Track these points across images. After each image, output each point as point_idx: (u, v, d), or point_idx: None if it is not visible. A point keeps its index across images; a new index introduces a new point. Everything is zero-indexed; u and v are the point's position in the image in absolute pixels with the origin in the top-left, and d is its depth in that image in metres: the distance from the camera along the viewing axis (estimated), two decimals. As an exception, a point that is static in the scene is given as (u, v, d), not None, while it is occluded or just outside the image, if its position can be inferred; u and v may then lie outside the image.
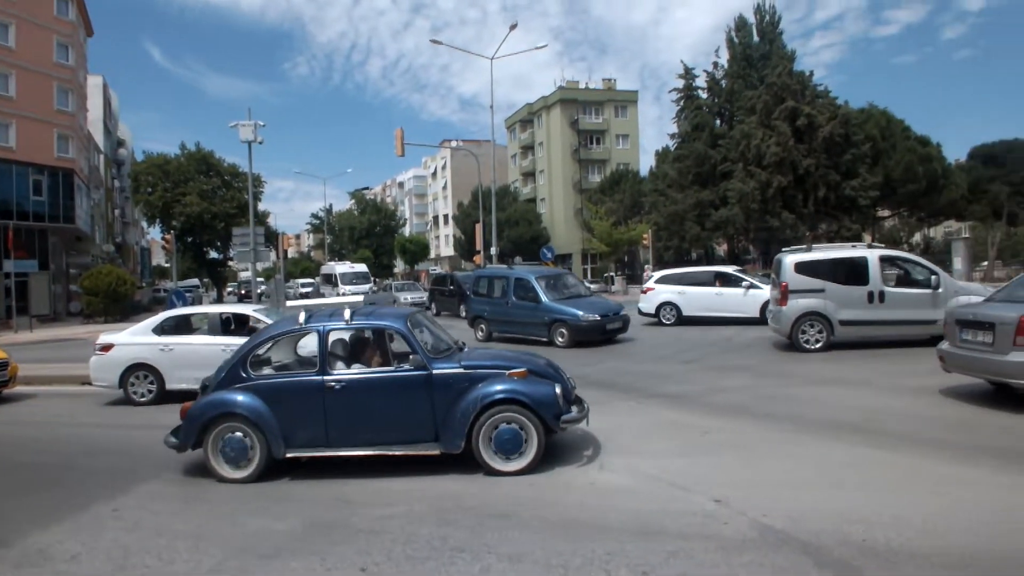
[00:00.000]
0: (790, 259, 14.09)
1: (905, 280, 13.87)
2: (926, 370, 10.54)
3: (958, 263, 31.59)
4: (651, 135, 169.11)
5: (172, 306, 16.97)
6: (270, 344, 7.39)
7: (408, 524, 5.15)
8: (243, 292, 53.17)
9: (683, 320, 20.21)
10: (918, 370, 10.73)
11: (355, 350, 7.56)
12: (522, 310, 17.28)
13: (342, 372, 6.98)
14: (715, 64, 45.18)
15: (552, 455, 6.53)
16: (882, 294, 13.39)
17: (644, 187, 50.67)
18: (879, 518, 4.63)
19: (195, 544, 4.96)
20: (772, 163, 36.03)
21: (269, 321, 11.54)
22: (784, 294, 13.79)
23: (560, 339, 16.40)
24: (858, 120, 39.15)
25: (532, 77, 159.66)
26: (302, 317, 7.25)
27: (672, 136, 46.85)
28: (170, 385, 11.16)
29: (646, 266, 38.53)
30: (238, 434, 6.76)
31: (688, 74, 45.18)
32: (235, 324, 11.92)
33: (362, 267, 43.49)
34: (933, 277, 13.45)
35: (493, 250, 37.24)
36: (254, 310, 12.19)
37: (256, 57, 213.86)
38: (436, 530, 4.98)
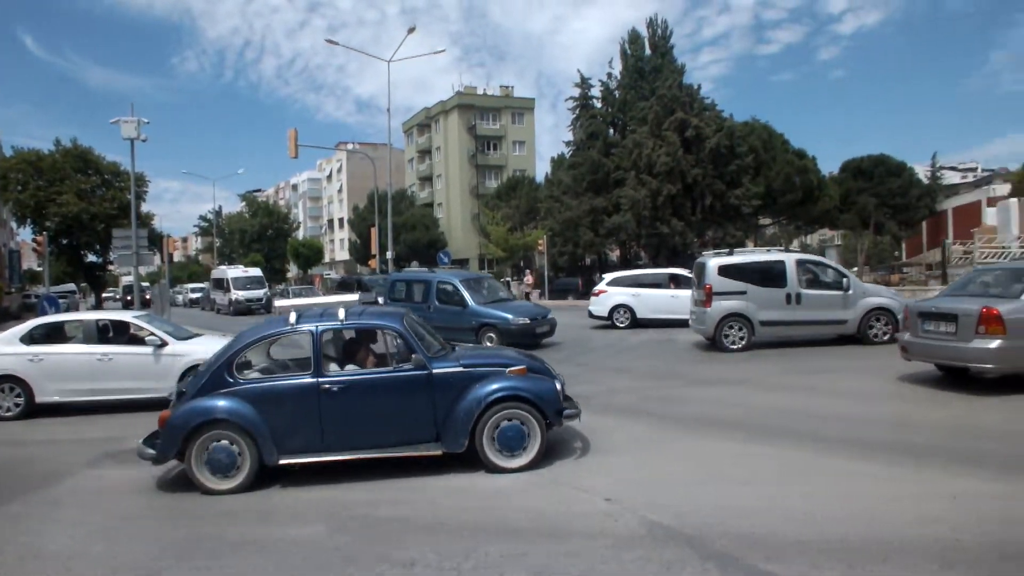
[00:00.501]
0: (714, 262, 14.67)
1: (818, 283, 14.59)
2: (818, 367, 11.26)
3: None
4: (547, 142, 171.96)
5: (43, 313, 15.80)
6: (257, 346, 7.04)
7: (300, 536, 5.05)
8: (128, 298, 50.49)
9: (637, 323, 19.89)
10: (814, 367, 11.42)
11: (348, 351, 7.36)
12: (446, 315, 16.63)
13: (339, 373, 6.82)
14: (609, 75, 46.20)
15: (449, 460, 6.54)
16: (799, 296, 14.12)
17: (540, 193, 51.23)
18: (763, 510, 4.87)
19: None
20: (662, 172, 37.22)
21: (152, 328, 11.07)
22: (709, 296, 14.28)
23: (489, 344, 16.04)
24: (742, 133, 40.98)
25: (430, 81, 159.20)
26: (293, 317, 6.98)
27: (567, 144, 47.61)
28: (40, 398, 10.38)
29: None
30: (224, 442, 6.42)
31: (584, 83, 46.05)
32: (113, 332, 11.26)
33: (256, 271, 42.12)
34: (844, 280, 14.39)
35: (389, 254, 36.87)
36: (134, 316, 11.60)
37: (142, 50, 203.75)
38: (329, 540, 4.91)
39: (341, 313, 6.99)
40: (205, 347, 10.97)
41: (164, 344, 10.76)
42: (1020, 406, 8.03)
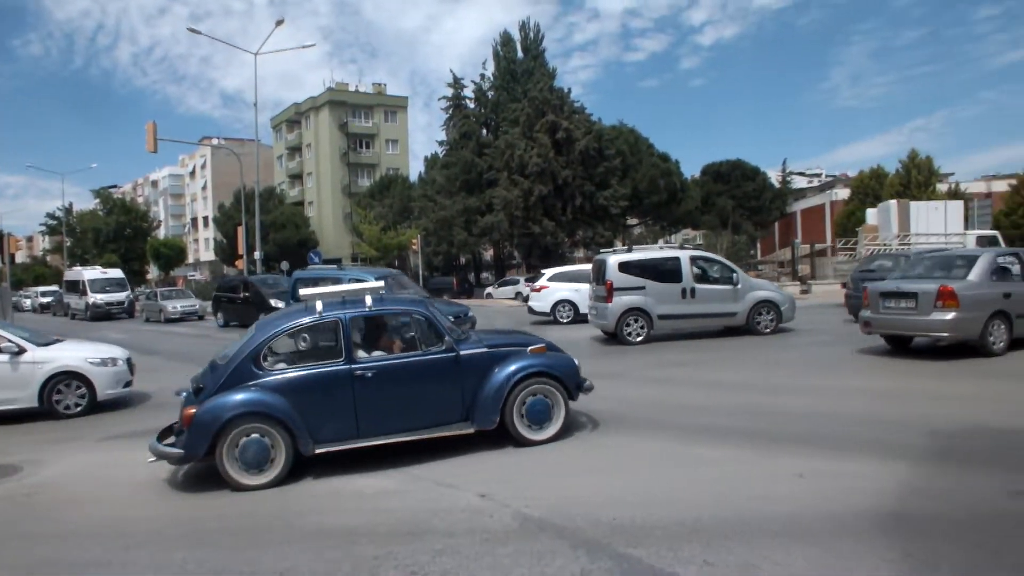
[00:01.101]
0: (614, 259, 15.28)
1: (710, 278, 15.41)
2: (697, 359, 11.77)
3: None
4: (421, 141, 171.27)
5: None
6: (283, 337, 6.93)
7: (159, 551, 4.83)
8: None
9: (580, 318, 19.45)
10: (693, 359, 11.94)
11: (371, 337, 7.32)
12: None
13: (372, 359, 6.83)
14: (482, 76, 46.66)
15: (322, 463, 6.46)
16: (693, 290, 14.94)
17: (414, 192, 50.98)
18: (630, 499, 5.08)
19: None
20: (534, 172, 37.94)
21: (5, 334, 10.11)
22: (610, 292, 14.81)
23: None
24: (610, 136, 42.37)
25: (300, 76, 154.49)
26: (319, 306, 6.89)
27: (441, 143, 47.74)
28: None
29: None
30: (255, 435, 6.24)
31: (457, 83, 46.25)
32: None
33: (117, 273, 39.01)
34: (733, 275, 15.35)
35: (258, 254, 35.61)
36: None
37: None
38: (191, 553, 4.71)
39: (368, 300, 7.04)
40: (71, 353, 10.36)
41: (22, 351, 9.89)
42: (879, 392, 8.79)
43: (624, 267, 15.10)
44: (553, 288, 20.67)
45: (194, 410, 6.25)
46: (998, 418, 6.96)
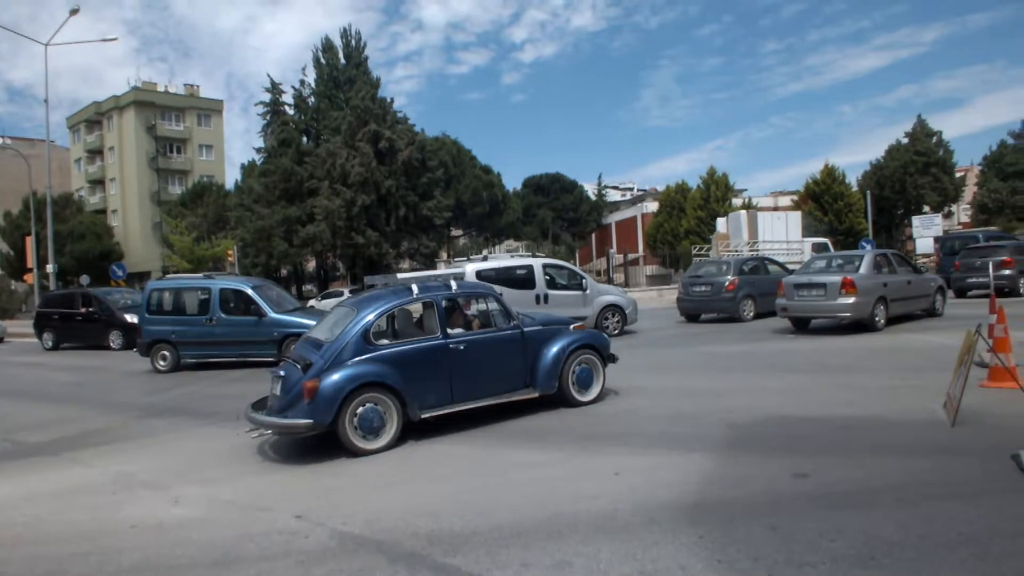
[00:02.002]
0: (471, 267, 15.80)
1: (561, 284, 16.37)
2: None
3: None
4: (239, 147, 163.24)
5: None
6: (389, 314, 7.82)
7: None
8: None
9: None
10: None
11: (455, 315, 8.45)
12: (237, 327, 14.77)
13: (462, 334, 7.95)
14: (303, 82, 45.34)
15: (129, 486, 6.05)
16: (546, 296, 15.85)
17: (230, 201, 48.60)
18: (448, 507, 5.08)
19: None
20: (356, 182, 37.41)
21: None
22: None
23: None
24: (433, 147, 42.70)
25: (102, 73, 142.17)
26: (416, 288, 7.95)
27: (259, 150, 45.80)
28: None
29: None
30: (370, 404, 7.02)
31: (275, 88, 44.65)
32: None
33: None
34: (583, 281, 16.51)
35: (51, 267, 32.55)
36: None
37: None
38: None
39: (454, 284, 8.31)
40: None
41: None
42: (692, 390, 9.38)
43: (480, 275, 15.43)
44: None
45: (318, 383, 6.87)
46: (793, 409, 7.67)
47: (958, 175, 62.39)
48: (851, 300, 13.76)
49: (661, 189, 67.52)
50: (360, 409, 6.96)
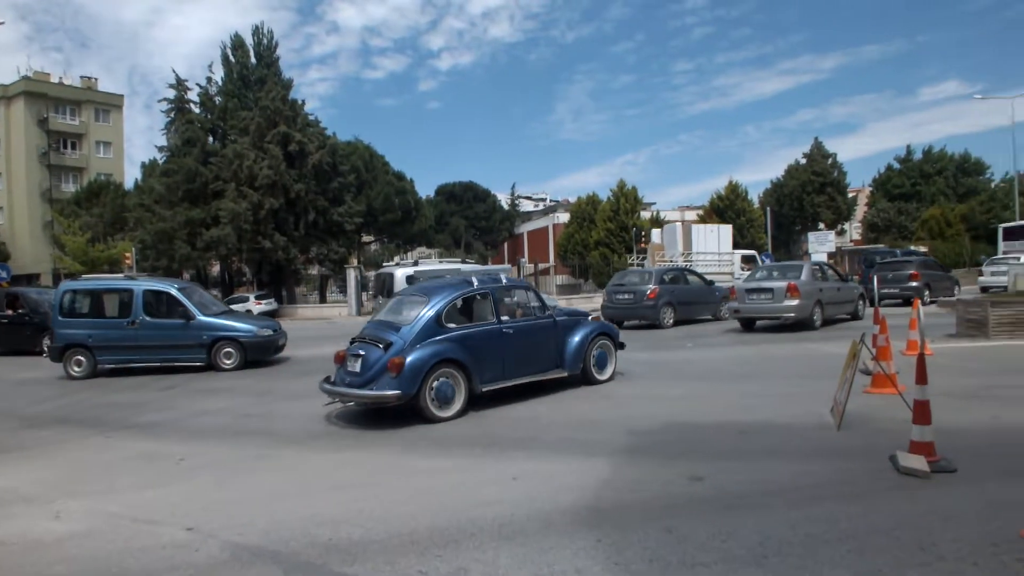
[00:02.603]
0: (400, 272, 16.22)
1: None
2: None
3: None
4: (140, 145, 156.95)
5: None
6: (458, 303, 8.94)
7: None
8: None
9: None
10: None
11: (503, 304, 9.51)
12: (161, 331, 14.11)
13: (512, 321, 9.26)
14: (210, 79, 43.86)
15: (7, 501, 5.57)
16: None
17: (128, 201, 46.46)
18: (346, 516, 4.96)
19: None
20: (264, 185, 36.45)
21: None
22: None
23: (228, 361, 14.02)
24: (345, 152, 42.06)
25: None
26: (475, 280, 9.36)
27: (161, 149, 44.01)
28: None
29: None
30: (444, 378, 8.21)
31: (180, 85, 43.04)
32: None
33: None
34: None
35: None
36: None
37: None
38: None
39: (503, 277, 10.08)
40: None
41: None
42: (597, 396, 9.46)
43: (410, 280, 15.70)
44: None
45: (403, 359, 8.00)
46: (692, 415, 7.88)
47: (851, 195, 66.30)
48: (795, 302, 16.20)
49: (573, 200, 68.66)
50: (436, 383, 8.15)
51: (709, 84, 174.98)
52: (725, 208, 54.00)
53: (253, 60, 44.36)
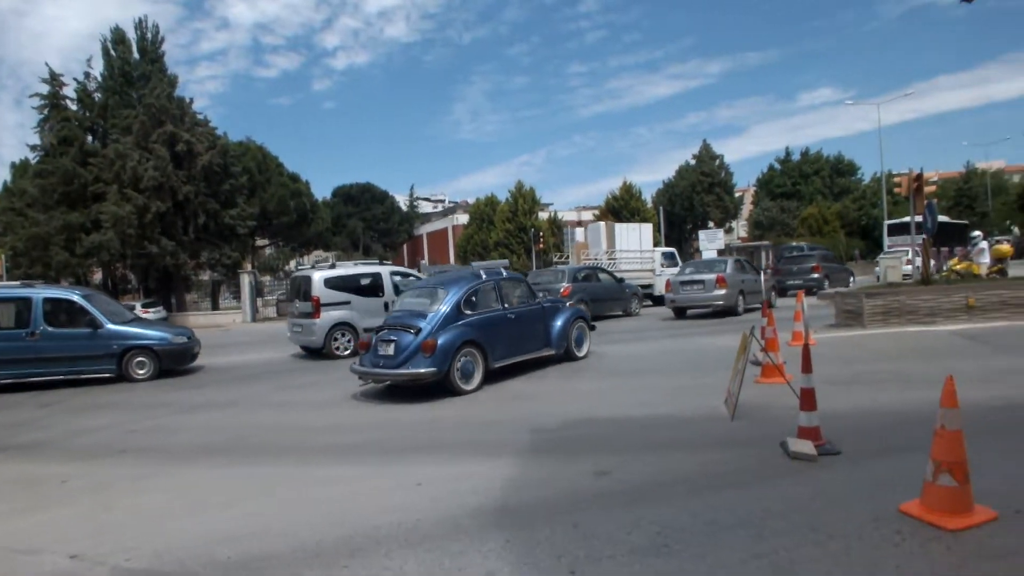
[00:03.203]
0: (319, 275, 15.62)
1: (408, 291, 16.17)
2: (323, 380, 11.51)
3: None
4: (11, 144, 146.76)
5: None
6: (472, 293, 10.41)
7: None
8: None
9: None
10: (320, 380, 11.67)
11: (503, 293, 11.03)
12: (65, 341, 13.27)
13: (513, 307, 10.99)
14: (88, 74, 41.37)
15: None
16: (395, 303, 15.42)
17: (-3, 205, 43.42)
18: (245, 532, 4.78)
19: None
20: (150, 187, 34.71)
21: None
22: (317, 307, 15.16)
23: (141, 371, 13.36)
24: (237, 152, 40.60)
25: None
26: (483, 274, 10.98)
27: (34, 148, 41.20)
28: None
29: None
30: (466, 357, 9.74)
31: (55, 80, 40.34)
32: None
33: None
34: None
35: None
36: None
37: None
38: None
39: (504, 272, 11.50)
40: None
41: None
42: (504, 397, 9.49)
43: (330, 283, 15.49)
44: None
45: (435, 341, 9.43)
46: (597, 411, 8.01)
47: (737, 194, 69.43)
48: (723, 292, 18.73)
49: (472, 201, 68.85)
50: (460, 361, 9.70)
51: (602, 87, 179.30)
52: (620, 208, 55.37)
53: (136, 55, 42.16)
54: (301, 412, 9.61)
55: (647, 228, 33.75)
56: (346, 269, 16.39)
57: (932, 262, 19.93)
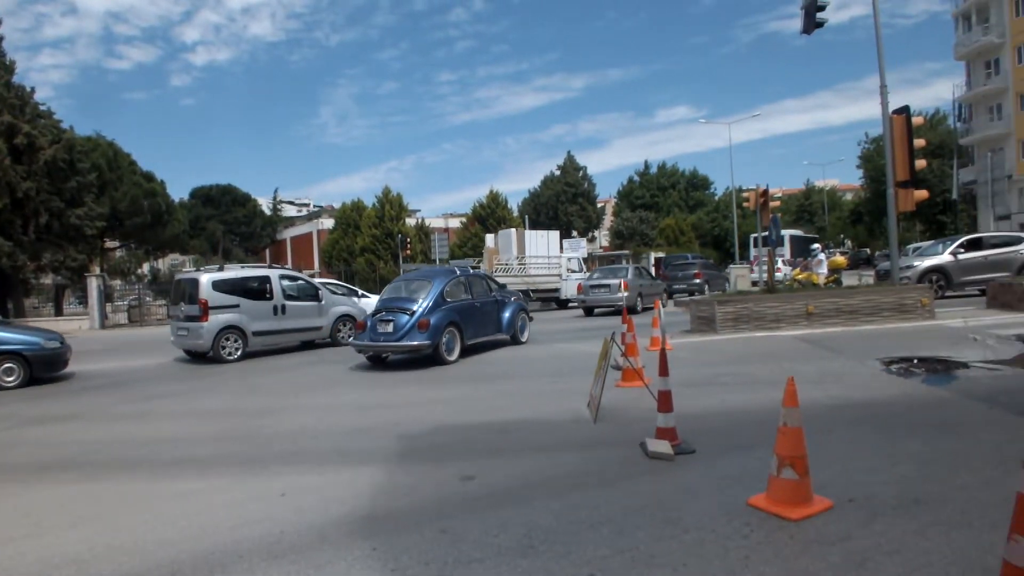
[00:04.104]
0: (206, 278, 15.38)
1: (298, 295, 16.76)
2: (183, 389, 10.88)
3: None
4: None
5: None
6: (456, 284, 13.75)
7: None
8: None
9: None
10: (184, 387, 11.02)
11: (469, 285, 14.24)
12: None
13: (477, 297, 14.14)
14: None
15: None
16: (284, 307, 16.20)
17: None
18: (91, 554, 4.47)
19: None
20: (-16, 183, 31.95)
21: None
22: (205, 310, 14.98)
23: (9, 378, 12.41)
24: (85, 148, 37.95)
25: None
26: (457, 269, 14.68)
27: None
28: None
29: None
30: (448, 336, 12.79)
31: None
32: None
33: None
34: (318, 292, 17.13)
35: None
36: None
37: None
38: None
39: (470, 269, 16.17)
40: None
41: None
42: (366, 405, 9.32)
43: (218, 285, 15.30)
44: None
45: (429, 320, 12.36)
46: (460, 417, 8.09)
47: (600, 205, 72.01)
48: (625, 294, 21.84)
49: (338, 206, 67.58)
50: (445, 337, 12.60)
51: (471, 96, 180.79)
52: (487, 216, 55.99)
53: (-34, 38, 38.66)
54: (160, 422, 9.09)
55: (554, 235, 36.18)
56: (234, 272, 16.30)
57: (790, 270, 21.52)
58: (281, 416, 8.86)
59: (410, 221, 53.41)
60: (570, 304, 30.07)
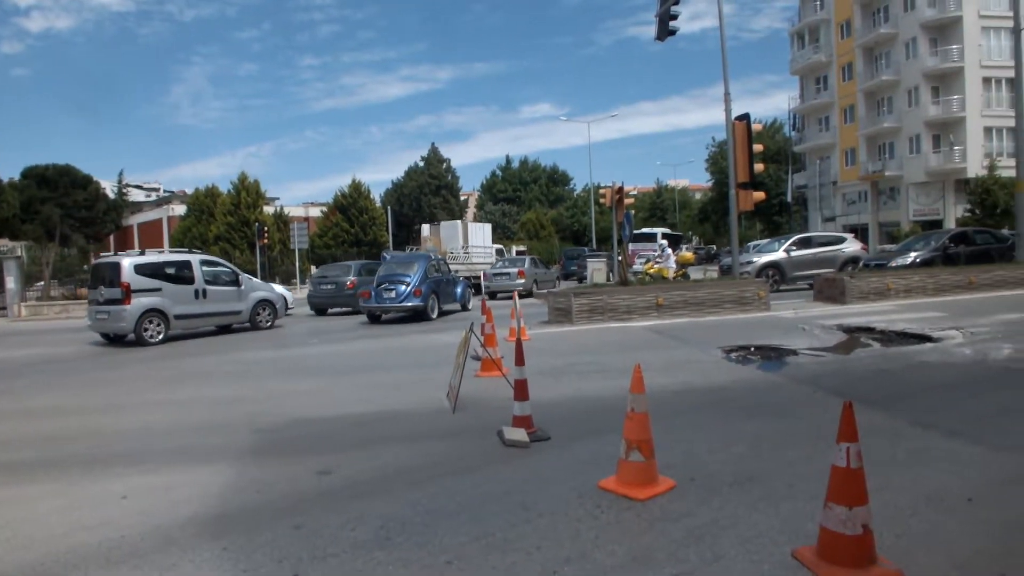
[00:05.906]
0: (128, 261, 15.71)
1: (218, 280, 17.32)
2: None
3: (10, 282, 31.07)
4: None
5: None
6: (431, 264, 19.61)
7: None
8: None
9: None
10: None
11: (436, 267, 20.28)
12: None
13: (442, 276, 20.20)
14: None
15: None
16: (205, 291, 16.80)
17: None
18: None
19: None
20: None
21: None
22: (128, 293, 15.24)
23: None
24: None
25: None
26: (433, 253, 24.72)
27: None
28: None
29: None
30: (431, 300, 18.63)
31: None
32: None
33: None
34: (239, 277, 17.75)
35: None
36: None
37: None
38: None
39: (434, 254, 24.28)
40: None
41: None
42: (221, 399, 8.88)
43: (140, 269, 15.64)
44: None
45: (421, 289, 18.21)
46: (317, 409, 7.92)
47: (463, 197, 72.48)
48: (522, 281, 26.84)
49: (190, 191, 64.23)
50: (430, 301, 18.47)
51: (335, 82, 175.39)
52: (349, 206, 54.93)
53: None
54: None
55: (488, 227, 40.83)
56: (156, 256, 16.64)
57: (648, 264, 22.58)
58: (130, 413, 8.37)
59: (268, 209, 51.45)
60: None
